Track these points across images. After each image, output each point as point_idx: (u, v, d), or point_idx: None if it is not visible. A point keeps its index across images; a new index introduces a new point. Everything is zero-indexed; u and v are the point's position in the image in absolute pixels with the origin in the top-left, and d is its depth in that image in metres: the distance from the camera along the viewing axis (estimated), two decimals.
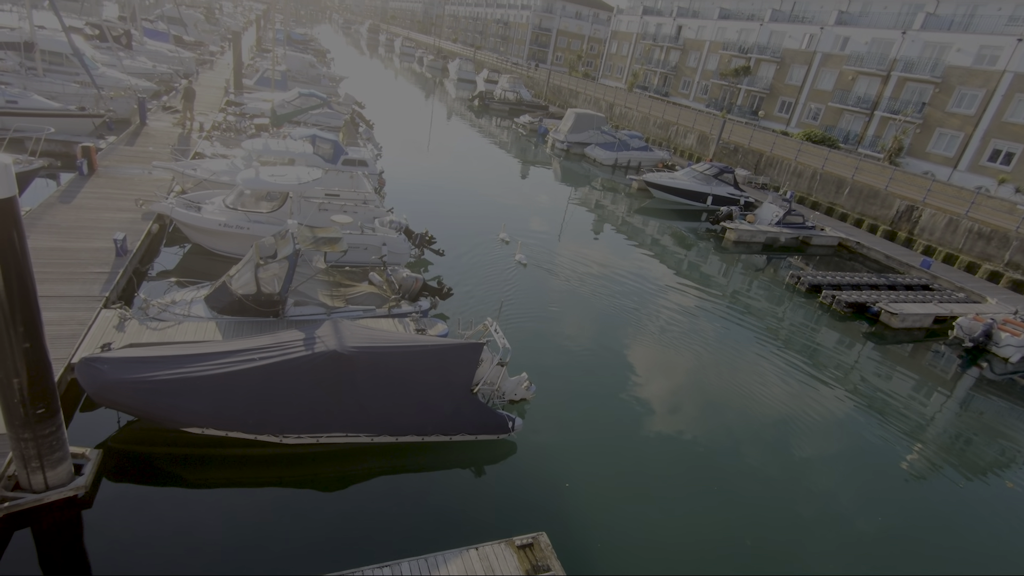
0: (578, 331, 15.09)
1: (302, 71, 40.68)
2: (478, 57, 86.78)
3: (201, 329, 10.23)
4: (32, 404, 6.56)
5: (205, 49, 49.74)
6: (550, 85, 63.37)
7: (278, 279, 10.73)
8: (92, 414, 8.98)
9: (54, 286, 10.87)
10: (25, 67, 23.53)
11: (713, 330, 16.60)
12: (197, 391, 8.26)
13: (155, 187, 16.81)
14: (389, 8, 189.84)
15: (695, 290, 19.41)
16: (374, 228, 15.20)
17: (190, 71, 38.31)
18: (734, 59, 55.80)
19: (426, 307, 12.47)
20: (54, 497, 7.15)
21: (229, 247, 14.37)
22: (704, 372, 14.27)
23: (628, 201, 30.20)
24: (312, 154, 18.06)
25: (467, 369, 9.40)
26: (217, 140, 22.40)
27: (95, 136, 21.26)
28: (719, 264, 23.15)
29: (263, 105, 28.15)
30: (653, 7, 69.95)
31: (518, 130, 46.45)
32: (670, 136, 44.31)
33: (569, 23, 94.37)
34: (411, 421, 9.11)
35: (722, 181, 30.22)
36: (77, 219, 14.05)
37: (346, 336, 8.93)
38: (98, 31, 34.15)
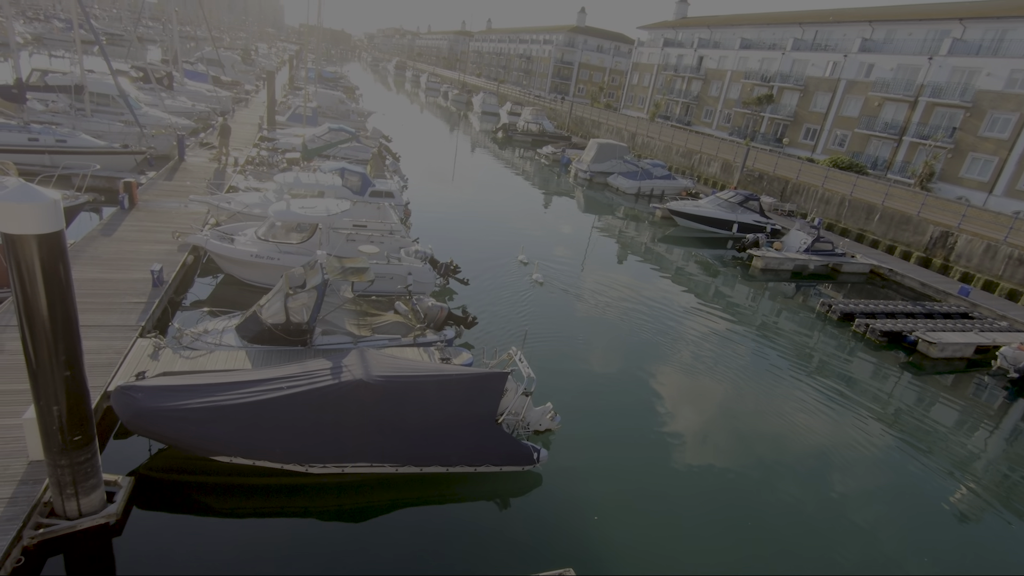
0: (603, 360, 14.92)
1: (332, 107, 42.16)
2: (501, 91, 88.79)
3: (232, 358, 10.43)
4: (70, 431, 6.73)
5: (241, 88, 52.01)
6: (572, 116, 64.29)
7: (307, 309, 10.92)
8: (125, 441, 9.15)
9: (94, 316, 11.25)
10: (75, 108, 24.92)
11: (742, 359, 16.24)
12: (226, 419, 8.37)
13: (191, 220, 17.42)
14: (416, 46, 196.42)
15: (722, 318, 19.09)
16: (400, 258, 15.42)
17: (227, 109, 40.03)
18: (756, 88, 55.94)
19: (451, 336, 12.51)
20: (87, 524, 7.26)
21: (260, 277, 14.73)
22: (734, 402, 13.91)
23: (652, 229, 30.11)
24: (341, 186, 18.56)
25: (492, 399, 9.35)
26: (251, 174, 23.22)
27: (137, 172, 22.25)
28: (746, 292, 22.77)
29: (295, 140, 29.15)
30: (674, 39, 70.94)
31: (541, 161, 47.05)
32: (693, 164, 44.32)
33: (591, 56, 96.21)
34: (436, 451, 9.06)
35: (747, 208, 29.98)
36: (117, 251, 14.62)
37: (372, 365, 9.00)
38: (142, 73, 36.10)
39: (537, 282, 18.96)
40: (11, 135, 20.38)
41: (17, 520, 6.73)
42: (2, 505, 6.90)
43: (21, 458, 7.58)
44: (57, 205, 6.00)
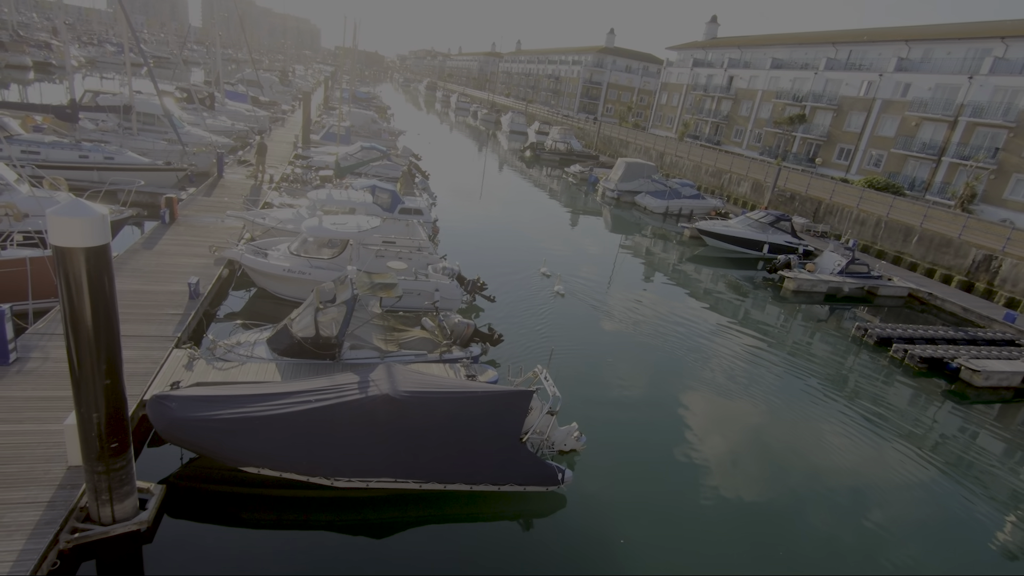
0: (630, 380, 14.73)
1: (364, 126, 43.22)
2: (530, 110, 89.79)
3: (263, 370, 10.63)
4: (107, 438, 6.93)
5: (278, 108, 53.82)
6: (600, 135, 64.52)
7: (336, 323, 11.09)
8: (158, 449, 9.37)
9: (133, 326, 11.63)
10: (123, 127, 26.12)
11: (773, 382, 15.82)
12: (255, 431, 8.51)
13: (227, 234, 17.96)
14: (447, 67, 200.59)
15: (752, 340, 18.67)
16: (427, 274, 15.58)
17: (264, 128, 41.43)
18: (788, 107, 55.33)
19: (477, 353, 12.53)
20: (120, 530, 7.42)
21: (292, 291, 15.05)
22: (765, 427, 13.53)
23: (680, 249, 29.81)
24: (372, 203, 18.93)
25: (517, 417, 9.30)
26: (285, 191, 23.88)
27: (178, 188, 23.11)
28: (778, 314, 22.27)
29: (328, 158, 29.94)
30: (703, 59, 70.87)
31: (568, 179, 47.22)
32: (723, 184, 43.88)
33: (619, 76, 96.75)
34: (459, 468, 9.02)
35: (779, 229, 29.46)
36: (157, 264, 15.14)
37: (399, 380, 9.06)
38: (186, 94, 37.70)
39: (559, 293, 19.09)
40: (63, 152, 21.45)
41: (55, 524, 6.93)
42: (41, 509, 7.11)
43: (61, 463, 7.82)
44: (105, 220, 6.27)
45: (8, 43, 64.39)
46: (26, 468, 7.69)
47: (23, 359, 10.04)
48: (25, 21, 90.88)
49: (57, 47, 72.52)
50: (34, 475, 7.60)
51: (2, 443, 8.06)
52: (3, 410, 8.73)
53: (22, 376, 9.61)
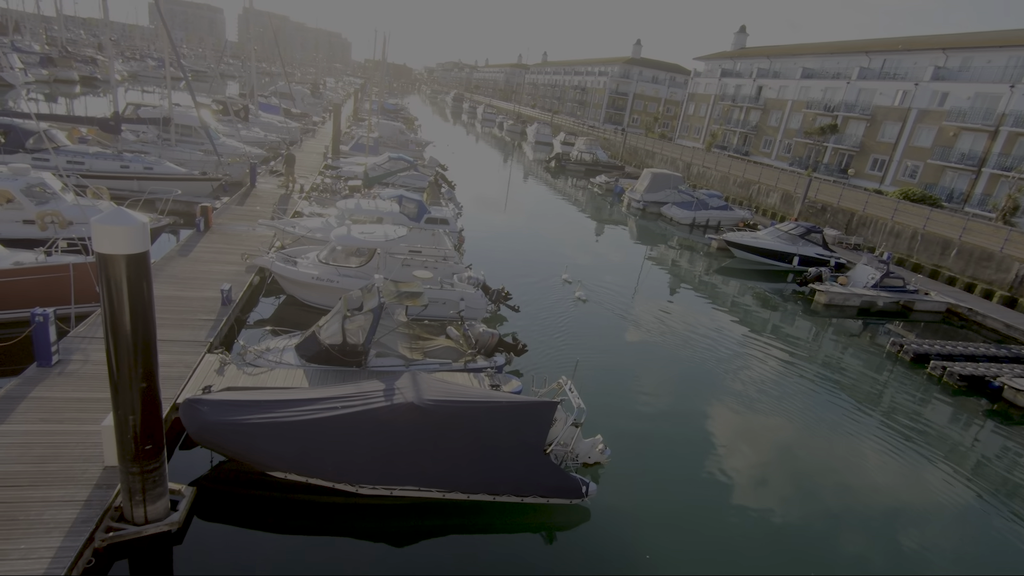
0: (655, 393, 14.53)
1: (392, 137, 43.93)
2: (555, 121, 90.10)
3: (291, 376, 10.81)
4: (142, 440, 7.12)
5: (309, 119, 55.10)
6: (626, 146, 64.32)
7: (363, 331, 11.23)
8: (188, 452, 9.59)
9: (168, 331, 11.96)
10: (161, 138, 27.05)
11: (803, 397, 15.42)
12: (282, 436, 8.65)
13: (259, 243, 18.40)
14: (473, 79, 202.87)
15: (782, 353, 18.26)
16: (453, 284, 15.68)
17: (295, 139, 42.43)
18: (819, 117, 54.37)
19: (501, 363, 12.52)
20: (152, 530, 7.59)
21: (320, 299, 15.30)
22: (795, 444, 13.18)
23: (707, 260, 29.41)
24: (399, 213, 19.18)
25: (540, 428, 9.25)
26: (315, 200, 24.37)
27: (212, 197, 23.79)
28: (808, 328, 21.75)
29: (357, 168, 30.48)
30: (732, 69, 70.24)
31: (594, 190, 47.13)
32: (751, 195, 43.24)
33: (646, 87, 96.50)
34: (483, 478, 9.00)
35: (809, 241, 28.85)
36: (192, 271, 15.58)
37: (424, 389, 9.11)
38: (222, 106, 38.90)
39: (580, 299, 19.22)
40: (106, 163, 22.31)
41: (91, 522, 7.12)
42: (78, 507, 7.32)
43: (97, 463, 8.06)
44: (145, 228, 6.49)
45: (57, 59, 67.49)
46: (65, 467, 7.94)
47: (64, 361, 10.41)
48: (73, 38, 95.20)
49: (102, 62, 75.75)
50: (72, 474, 7.84)
51: (43, 442, 8.35)
52: (45, 410, 9.06)
53: (63, 378, 9.96)
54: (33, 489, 7.49)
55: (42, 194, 15.88)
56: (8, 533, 6.79)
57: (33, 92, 52.99)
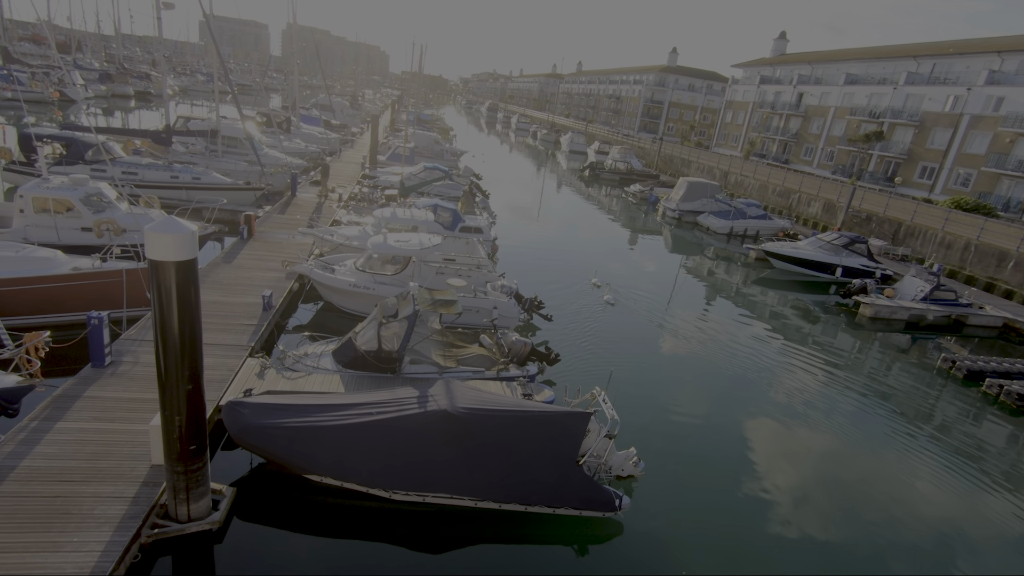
0: (691, 406, 14.23)
1: (428, 147, 44.61)
2: (589, 130, 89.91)
3: (327, 381, 11.03)
4: (187, 440, 7.38)
5: (348, 130, 56.50)
6: (661, 154, 63.65)
7: (397, 337, 11.39)
8: (230, 453, 9.87)
9: (212, 335, 12.39)
10: (209, 150, 28.18)
11: (847, 414, 14.85)
12: (319, 440, 8.82)
13: (299, 250, 18.90)
14: (508, 89, 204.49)
15: (824, 368, 17.65)
16: (486, 292, 15.76)
17: (335, 150, 43.55)
18: (864, 124, 52.69)
19: (534, 372, 12.49)
20: (194, 528, 7.84)
21: (357, 306, 15.60)
22: (838, 462, 12.68)
23: (745, 271, 28.74)
24: (433, 221, 19.42)
25: (573, 439, 9.16)
26: (352, 209, 24.93)
27: (255, 206, 24.61)
28: (852, 342, 20.97)
29: (393, 178, 31.06)
30: (771, 76, 68.83)
31: (628, 199, 46.75)
32: (791, 204, 42.14)
33: (682, 95, 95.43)
34: (515, 488, 8.96)
35: (853, 251, 27.89)
36: (235, 277, 16.12)
37: (457, 396, 9.16)
38: (266, 118, 40.30)
39: (608, 303, 19.44)
40: (157, 173, 23.37)
41: (138, 519, 7.40)
42: (126, 503, 7.62)
43: (145, 461, 8.38)
44: (194, 236, 6.76)
45: (115, 75, 71.24)
46: (115, 464, 8.29)
47: (116, 362, 10.89)
48: (130, 55, 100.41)
49: (156, 78, 79.51)
50: (121, 471, 8.17)
51: (96, 440, 8.74)
52: (98, 409, 9.49)
53: (115, 378, 10.42)
54: (86, 484, 7.83)
55: (99, 203, 16.72)
56: (63, 526, 7.11)
57: (92, 107, 56.00)
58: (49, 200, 15.90)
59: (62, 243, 15.29)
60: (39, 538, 6.90)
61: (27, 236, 15.56)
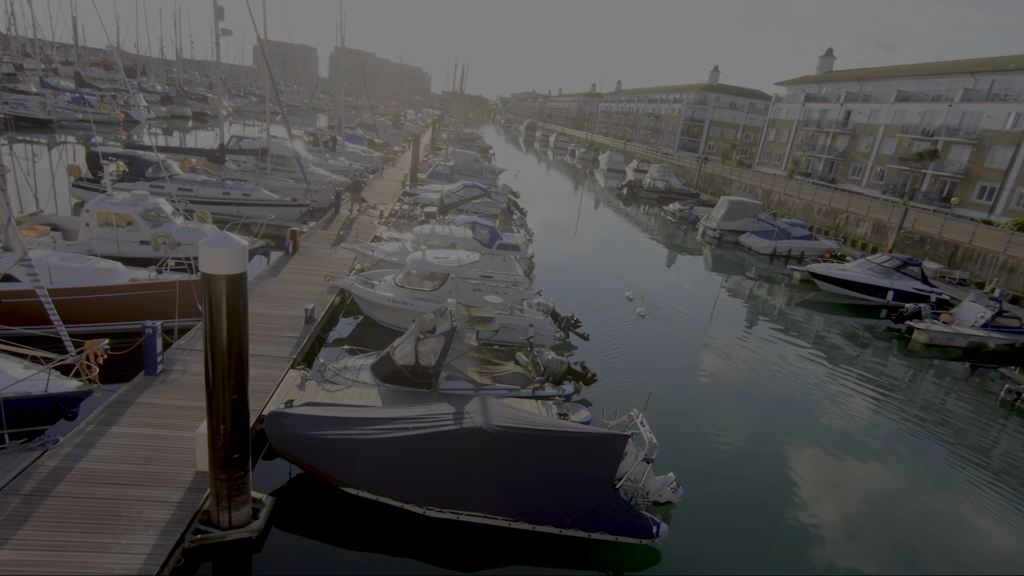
0: (731, 430, 13.78)
1: (467, 165, 45.31)
2: (628, 148, 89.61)
3: (365, 394, 11.19)
4: (231, 449, 7.58)
5: (390, 149, 57.97)
6: (702, 173, 62.80)
7: (435, 353, 11.48)
8: (269, 463, 10.08)
9: (257, 346, 12.75)
10: (259, 167, 29.36)
11: (899, 446, 14.09)
12: (356, 453, 8.92)
13: (340, 265, 19.38)
14: (547, 108, 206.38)
15: (875, 396, 16.84)
16: (522, 309, 15.76)
17: (377, 167, 44.70)
18: (916, 142, 50.76)
19: (570, 391, 12.37)
20: (234, 536, 8.01)
21: (395, 321, 15.83)
22: (889, 497, 12.01)
23: (789, 293, 27.87)
24: (472, 239, 19.63)
25: (610, 462, 8.99)
26: (393, 225, 25.45)
27: (300, 222, 25.42)
28: (905, 369, 19.97)
29: (433, 195, 31.60)
30: (817, 94, 67.29)
31: (667, 218, 46.20)
32: (838, 225, 40.79)
33: (723, 113, 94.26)
34: (549, 510, 8.82)
35: (906, 274, 26.70)
36: (280, 290, 16.62)
37: (492, 414, 9.13)
38: (312, 137, 41.76)
39: (640, 315, 19.66)
40: (210, 189, 24.46)
41: (182, 524, 7.62)
42: (172, 508, 7.86)
43: (190, 467, 8.65)
44: (245, 251, 7.02)
45: (175, 97, 75.38)
46: (163, 470, 8.58)
47: (167, 370, 11.34)
48: (189, 78, 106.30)
49: (212, 99, 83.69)
50: (168, 476, 8.45)
51: (146, 445, 9.08)
52: (149, 415, 9.87)
53: (165, 386, 10.84)
54: (135, 488, 8.13)
55: (157, 218, 17.60)
56: (113, 527, 7.38)
57: (154, 127, 59.31)
58: (112, 214, 16.84)
59: (122, 255, 16.12)
60: (91, 538, 7.18)
61: (91, 248, 16.48)
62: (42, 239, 16.04)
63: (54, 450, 8.67)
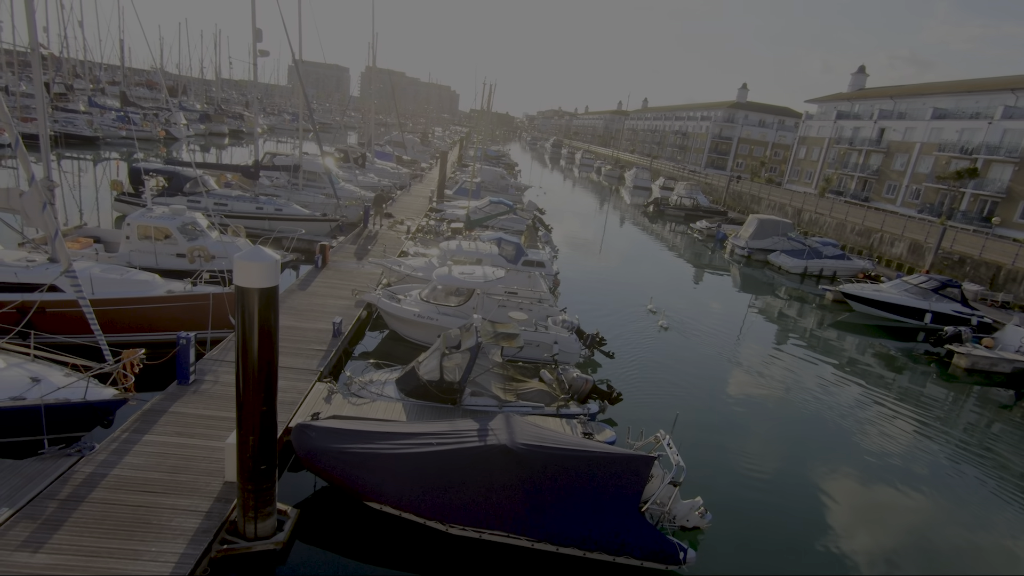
0: (761, 456, 13.40)
1: (493, 182, 45.71)
2: (654, 166, 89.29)
3: (390, 408, 11.24)
4: (259, 460, 7.68)
5: (418, 166, 58.89)
6: (730, 191, 62.11)
7: (459, 369, 11.49)
8: (294, 475, 10.17)
9: (285, 358, 12.95)
10: (291, 183, 30.12)
11: (938, 473, 13.49)
12: (381, 468, 8.93)
13: (368, 280, 19.64)
14: (573, 125, 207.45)
15: (912, 422, 16.20)
16: (547, 326, 15.69)
17: (405, 184, 45.42)
18: (954, 160, 49.40)
19: (595, 410, 12.22)
20: (260, 547, 8.07)
21: (420, 335, 15.93)
22: (929, 529, 11.48)
23: (820, 313, 27.18)
24: (497, 255, 19.71)
25: (636, 484, 8.81)
26: (419, 241, 25.74)
27: (330, 236, 25.90)
28: (944, 395, 19.21)
29: (459, 211, 31.93)
30: (849, 111, 66.21)
31: (694, 235, 45.71)
32: (872, 244, 39.76)
33: (751, 131, 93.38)
34: (573, 531, 8.67)
35: (945, 296, 25.81)
36: (309, 304, 16.91)
37: (517, 432, 9.07)
38: (343, 154, 42.74)
39: (663, 327, 19.65)
40: (244, 204, 25.16)
41: (210, 533, 7.72)
42: (200, 517, 7.97)
43: (219, 477, 8.78)
44: (277, 265, 7.18)
45: (213, 115, 78.23)
46: (192, 479, 8.72)
47: (199, 380, 11.59)
48: (227, 97, 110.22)
49: (248, 117, 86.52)
50: (197, 486, 8.59)
51: (177, 454, 9.26)
52: (180, 424, 10.08)
53: (197, 396, 11.07)
54: (165, 496, 8.28)
55: (193, 231, 18.15)
56: (144, 535, 7.52)
57: (192, 144, 61.50)
58: (151, 228, 17.43)
59: (159, 267, 16.64)
60: (122, 545, 7.32)
61: (131, 260, 17.06)
62: (85, 251, 16.66)
63: (90, 456, 8.90)
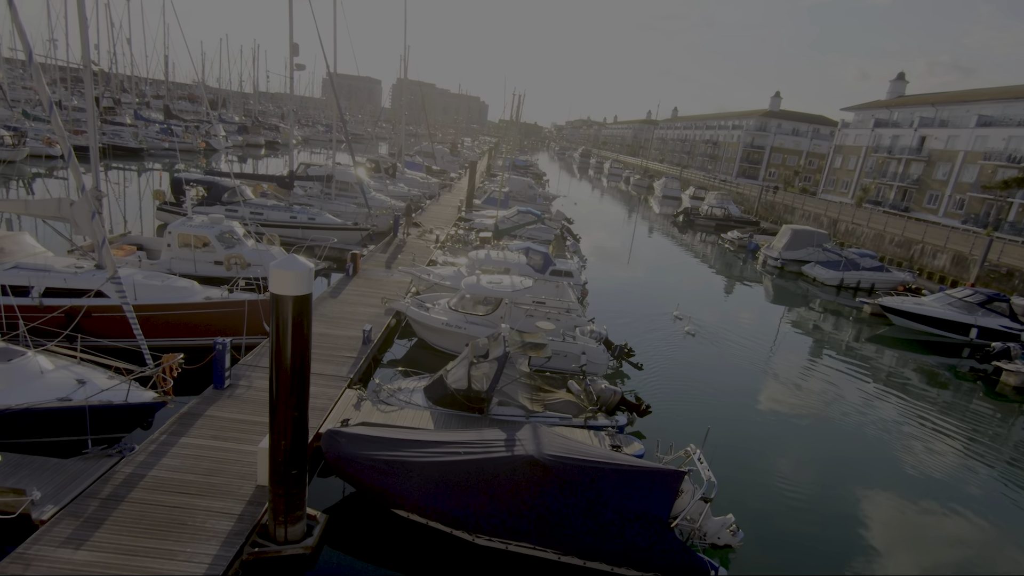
0: (795, 473, 13.00)
1: (522, 192, 45.85)
2: (684, 175, 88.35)
3: (418, 416, 11.31)
4: (290, 464, 7.81)
5: (447, 176, 59.56)
6: (762, 201, 60.97)
7: (487, 378, 11.50)
8: (323, 481, 10.29)
9: (317, 365, 13.06)
10: (324, 193, 30.79)
11: (987, 497, 12.85)
12: (408, 475, 8.98)
13: (397, 288, 19.88)
14: (601, 135, 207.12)
15: (956, 441, 15.51)
16: (575, 336, 15.61)
17: (434, 193, 45.96)
18: (1001, 169, 47.52)
19: (623, 422, 12.07)
20: (289, 551, 8.18)
21: (448, 344, 16.01)
22: (975, 555, 10.92)
23: (857, 327, 26.35)
24: (525, 264, 19.72)
25: (666, 498, 8.63)
26: (448, 250, 25.97)
27: (361, 245, 26.35)
28: (991, 413, 18.35)
29: (488, 221, 32.10)
30: (887, 119, 64.43)
31: (725, 246, 44.97)
32: (912, 256, 38.43)
33: (784, 140, 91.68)
34: (600, 545, 8.54)
35: (992, 311, 24.74)
36: (340, 311, 17.19)
37: (544, 443, 9.00)
38: (374, 164, 43.53)
39: (689, 333, 19.64)
40: (279, 214, 25.82)
41: (242, 536, 7.86)
42: (233, 520, 8.13)
43: (251, 480, 8.95)
44: (311, 273, 7.33)
45: (250, 127, 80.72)
46: (226, 481, 8.92)
47: (233, 385, 11.88)
48: (264, 110, 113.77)
49: (283, 129, 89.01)
50: (231, 488, 8.77)
51: (211, 457, 9.48)
52: (215, 428, 10.33)
53: (231, 400, 11.34)
54: (200, 498, 8.48)
55: (230, 240, 18.69)
56: (178, 536, 7.71)
57: (230, 155, 63.53)
58: (191, 236, 18.02)
59: (197, 274, 17.17)
60: (158, 545, 7.51)
61: (171, 267, 17.65)
62: (129, 258, 17.31)
63: (130, 457, 9.19)
